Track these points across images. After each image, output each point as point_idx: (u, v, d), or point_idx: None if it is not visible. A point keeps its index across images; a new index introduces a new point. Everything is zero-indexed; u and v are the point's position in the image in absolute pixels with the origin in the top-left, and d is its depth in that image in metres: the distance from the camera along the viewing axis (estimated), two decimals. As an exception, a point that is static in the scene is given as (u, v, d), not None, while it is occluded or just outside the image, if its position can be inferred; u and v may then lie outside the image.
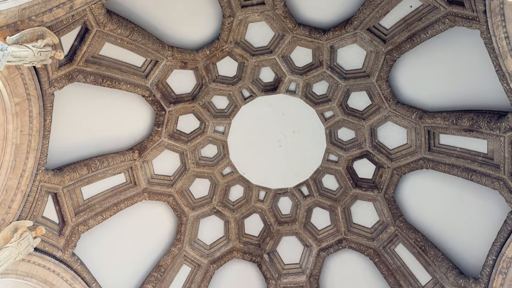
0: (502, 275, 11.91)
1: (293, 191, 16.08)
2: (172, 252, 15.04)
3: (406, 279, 13.89)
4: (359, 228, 15.26)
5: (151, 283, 14.35)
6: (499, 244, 12.04)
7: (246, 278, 15.85)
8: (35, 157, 11.91)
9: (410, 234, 13.99)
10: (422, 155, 13.62)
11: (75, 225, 13.17)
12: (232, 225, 16.03)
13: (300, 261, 15.77)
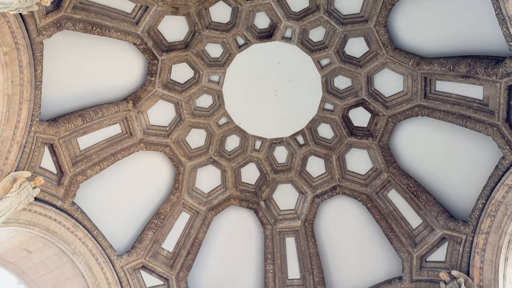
0: (490, 218, 12.34)
1: (289, 141, 16.19)
2: (171, 200, 15.39)
3: (397, 222, 14.38)
4: (353, 175, 15.55)
5: (152, 229, 14.81)
6: (489, 189, 12.38)
7: (243, 223, 16.36)
8: (28, 108, 11.84)
9: (403, 180, 14.31)
10: (418, 102, 13.60)
11: (73, 175, 13.35)
12: (229, 174, 16.28)
13: (295, 207, 16.21)
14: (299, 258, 15.58)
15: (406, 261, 13.86)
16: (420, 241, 13.82)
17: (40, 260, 13.27)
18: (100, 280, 13.53)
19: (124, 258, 14.19)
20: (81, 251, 13.37)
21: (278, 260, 15.60)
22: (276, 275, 15.38)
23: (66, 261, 13.29)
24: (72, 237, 13.25)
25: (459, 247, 12.88)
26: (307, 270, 15.33)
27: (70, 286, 13.48)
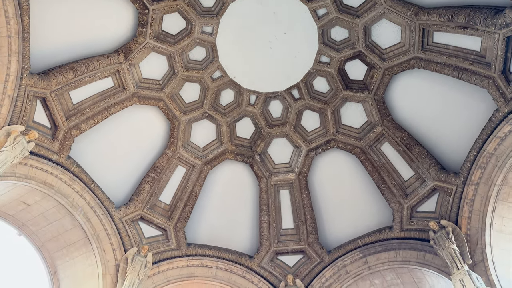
0: (481, 169, 12.59)
1: (284, 95, 16.07)
2: (167, 154, 15.49)
3: (389, 175, 14.65)
4: (347, 129, 15.61)
5: (148, 182, 15.02)
6: (481, 141, 12.54)
7: (239, 177, 16.60)
8: (17, 61, 11.59)
9: (397, 133, 14.41)
10: (415, 54, 13.41)
11: (68, 129, 13.30)
12: (224, 128, 16.28)
13: (290, 160, 16.40)
14: (293, 209, 15.98)
15: (397, 212, 14.26)
16: (411, 193, 14.16)
17: (39, 212, 13.52)
18: (99, 231, 13.86)
19: (122, 210, 14.49)
20: (79, 204, 13.61)
21: (272, 211, 16.00)
22: (271, 225, 15.83)
23: (64, 213, 13.54)
24: (70, 190, 13.42)
25: (449, 198, 13.23)
26: (300, 221, 15.77)
27: (70, 237, 13.83)
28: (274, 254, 15.70)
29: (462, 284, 11.56)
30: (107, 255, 13.69)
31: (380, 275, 14.22)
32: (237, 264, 15.59)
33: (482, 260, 12.07)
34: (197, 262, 15.34)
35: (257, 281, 15.35)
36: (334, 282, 14.64)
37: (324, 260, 15.18)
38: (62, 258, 13.95)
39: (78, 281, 13.72)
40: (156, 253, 14.66)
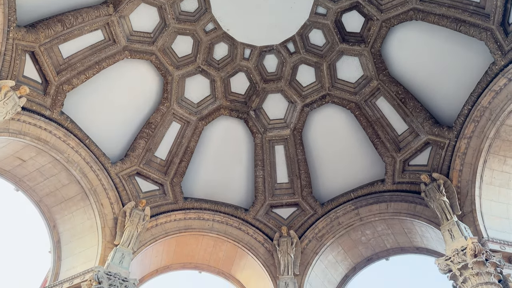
0: (474, 123, 12.67)
1: (279, 48, 15.75)
2: (161, 110, 15.39)
3: (383, 129, 14.73)
4: (343, 83, 15.48)
5: (143, 138, 15.04)
6: (476, 94, 12.54)
7: (234, 133, 16.63)
8: (3, 13, 11.18)
9: (392, 87, 14.33)
10: (413, 5, 13.04)
11: (59, 84, 13.10)
12: (218, 84, 16.09)
13: (285, 116, 16.38)
14: (288, 164, 16.18)
15: (389, 165, 14.49)
16: (405, 146, 14.32)
17: (35, 168, 13.60)
18: (96, 186, 14.04)
19: (118, 166, 14.60)
20: (75, 160, 13.68)
21: (267, 166, 16.19)
22: (266, 180, 16.08)
23: (61, 169, 13.64)
24: (65, 146, 13.44)
25: (442, 151, 13.41)
26: (295, 175, 16.02)
27: (67, 192, 14.02)
28: (269, 207, 16.07)
29: (450, 234, 11.97)
30: (105, 209, 13.95)
31: (371, 226, 14.68)
32: (233, 217, 15.99)
33: (471, 211, 12.43)
34: (194, 215, 15.70)
35: (253, 233, 15.82)
36: (327, 233, 15.12)
37: (317, 212, 15.59)
38: (60, 212, 14.21)
39: (78, 234, 14.06)
40: (153, 207, 14.96)
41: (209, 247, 16.06)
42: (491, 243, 11.60)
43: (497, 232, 12.16)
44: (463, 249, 11.27)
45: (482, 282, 10.62)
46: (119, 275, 12.34)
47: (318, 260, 14.99)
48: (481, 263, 10.86)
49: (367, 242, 15.13)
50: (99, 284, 11.92)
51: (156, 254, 15.28)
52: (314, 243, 15.23)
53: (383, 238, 14.87)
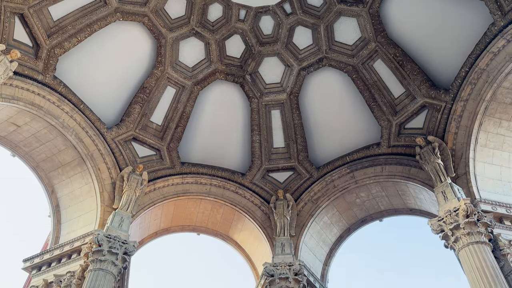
0: (471, 85, 12.61)
1: (275, 9, 15.36)
2: (155, 74, 15.18)
3: (380, 92, 14.65)
4: (340, 46, 15.23)
5: (138, 103, 14.92)
6: (474, 56, 12.41)
7: (230, 97, 16.50)
8: (-12, -27, 10.78)
9: (390, 49, 14.12)
10: (413, -37, 12.66)
11: (50, 47, 12.82)
12: (213, 47, 15.79)
13: (281, 80, 16.22)
14: (284, 129, 16.19)
15: (385, 129, 14.52)
16: (401, 110, 14.30)
17: (30, 133, 13.54)
18: (93, 151, 14.05)
19: (114, 131, 14.55)
20: (70, 125, 13.60)
21: (264, 131, 16.20)
22: (262, 145, 16.14)
23: (56, 134, 13.59)
24: (59, 111, 13.33)
25: (438, 114, 13.42)
26: (291, 139, 16.07)
27: (64, 158, 14.04)
28: (265, 171, 16.22)
29: (443, 195, 12.19)
30: (103, 174, 14.03)
31: (366, 189, 14.91)
32: (230, 181, 16.16)
33: (464, 173, 12.60)
34: (192, 179, 15.84)
35: (250, 196, 16.04)
36: (322, 196, 15.35)
37: (313, 176, 15.76)
38: (58, 177, 14.29)
39: (76, 198, 14.21)
40: (151, 172, 15.05)
41: (206, 211, 16.32)
42: (483, 204, 11.84)
43: (490, 193, 12.39)
44: (455, 210, 11.50)
45: (473, 241, 10.90)
46: (119, 237, 12.57)
47: (314, 222, 15.31)
48: (472, 223, 11.13)
49: (361, 204, 15.41)
50: (99, 247, 12.15)
51: (155, 217, 15.54)
52: (309, 206, 15.50)
53: (377, 200, 15.14)
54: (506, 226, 11.70)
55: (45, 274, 13.04)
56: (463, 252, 10.94)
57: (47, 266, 13.25)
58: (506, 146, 12.83)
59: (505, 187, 12.61)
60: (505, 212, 11.82)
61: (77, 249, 12.92)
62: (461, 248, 11.01)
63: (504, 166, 12.83)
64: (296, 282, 13.47)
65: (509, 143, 12.81)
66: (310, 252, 15.39)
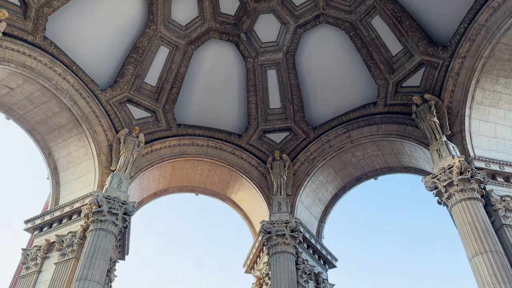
0: (469, 42, 12.42)
1: (270, -37, 14.80)
2: (147, 33, 14.81)
3: (378, 50, 14.41)
4: (338, 1, 14.77)
5: (131, 64, 14.67)
6: (474, 11, 12.14)
7: (225, 57, 16.21)
8: None
9: (388, 5, 13.74)
10: None
11: (39, 6, 12.41)
12: (206, 3, 15.30)
13: (277, 39, 15.89)
14: (280, 89, 16.06)
15: (382, 87, 14.42)
16: (398, 68, 14.13)
17: (24, 96, 13.39)
18: (88, 113, 13.96)
19: (108, 93, 14.40)
20: (63, 87, 13.43)
21: (260, 91, 16.07)
22: (259, 105, 16.07)
23: (50, 96, 13.44)
24: (51, 72, 13.11)
25: (435, 72, 13.30)
26: (287, 100, 15.98)
27: (59, 120, 13.97)
28: (261, 132, 16.25)
29: (438, 153, 12.31)
30: (99, 136, 14.03)
31: (362, 148, 15.01)
32: (227, 142, 16.22)
33: (459, 131, 12.67)
34: (188, 141, 15.89)
35: (246, 157, 16.16)
36: (318, 156, 15.48)
37: (309, 136, 15.82)
38: (54, 140, 14.28)
39: (74, 161, 14.27)
40: (147, 134, 15.05)
41: (204, 171, 16.49)
42: (477, 161, 11.98)
43: (484, 150, 12.51)
44: (449, 167, 11.65)
45: (466, 198, 11.12)
46: (118, 198, 12.74)
47: (310, 181, 15.53)
48: (466, 180, 11.31)
49: (357, 163, 15.58)
50: (99, 208, 12.34)
51: (153, 178, 15.71)
52: (306, 165, 15.66)
53: (373, 159, 15.29)
54: (498, 182, 11.91)
55: (47, 234, 13.32)
56: (455, 208, 11.18)
57: (48, 227, 13.52)
58: (502, 104, 12.83)
59: (500, 144, 12.72)
60: (498, 169, 12.00)
61: (77, 210, 13.14)
62: (454, 204, 11.25)
63: (499, 124, 12.88)
64: (292, 239, 13.87)
65: (505, 100, 12.80)
66: (306, 210, 15.73)
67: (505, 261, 9.90)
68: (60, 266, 12.09)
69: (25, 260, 12.91)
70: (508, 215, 11.09)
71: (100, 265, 11.47)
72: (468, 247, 10.42)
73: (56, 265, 12.16)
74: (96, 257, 11.50)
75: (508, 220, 11.00)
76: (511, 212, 11.14)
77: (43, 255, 12.73)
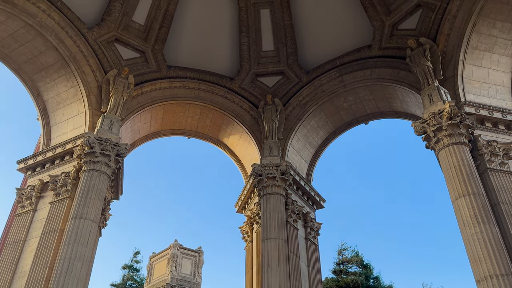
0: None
1: None
2: (135, -32, 14.05)
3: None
4: None
5: (118, 1, 13.96)
6: (477, -50, 11.62)
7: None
8: None
9: None
10: None
11: None
12: None
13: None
14: (274, 31, 15.59)
15: (377, 30, 14.08)
16: (395, 9, 13.70)
17: (8, 33, 12.91)
18: (75, 53, 13.57)
19: (95, 31, 13.90)
20: (48, 24, 12.92)
21: (252, 33, 15.61)
22: (251, 47, 15.69)
23: (35, 34, 12.96)
24: (35, 8, 12.55)
25: (432, 14, 12.97)
26: (280, 42, 15.59)
27: (46, 60, 13.58)
28: (254, 76, 16.03)
29: (430, 98, 12.34)
30: (88, 77, 13.75)
31: (354, 93, 14.98)
32: (219, 86, 16.04)
33: (452, 76, 12.62)
34: (179, 84, 15.67)
35: (238, 101, 16.08)
36: (311, 100, 15.45)
37: (302, 80, 15.67)
38: (42, 80, 13.98)
39: (63, 102, 14.09)
40: (137, 75, 14.77)
41: (196, 115, 16.45)
42: (467, 107, 12.08)
43: (475, 96, 12.57)
44: (440, 112, 11.74)
45: (453, 142, 11.32)
46: (110, 140, 12.76)
47: (301, 126, 15.63)
48: (455, 125, 11.46)
49: (348, 108, 15.61)
50: (91, 149, 12.38)
51: (145, 121, 15.66)
52: (297, 110, 15.67)
53: (364, 103, 15.31)
54: (486, 127, 12.10)
55: (40, 175, 13.46)
56: (442, 152, 11.41)
57: (41, 167, 13.62)
58: (497, 48, 12.69)
59: (491, 89, 12.76)
60: (487, 114, 12.13)
61: (69, 151, 13.18)
62: (441, 149, 11.46)
63: (492, 69, 12.83)
64: (282, 181, 14.20)
65: (500, 45, 12.64)
66: (297, 154, 15.97)
67: (486, 203, 10.30)
68: (55, 205, 12.34)
69: (20, 199, 13.13)
70: (493, 159, 11.39)
71: (95, 204, 11.73)
72: (452, 190, 10.77)
73: (51, 204, 12.41)
74: (90, 197, 11.73)
75: (493, 164, 11.31)
76: (496, 157, 11.44)
77: (38, 194, 12.94)
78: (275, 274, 12.28)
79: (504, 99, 12.79)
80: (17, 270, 11.49)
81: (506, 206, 10.50)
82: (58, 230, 11.56)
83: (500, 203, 10.54)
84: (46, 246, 11.41)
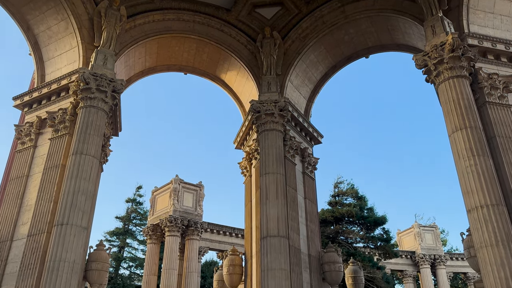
0: None
1: None
2: None
3: None
4: None
5: None
6: None
7: None
8: None
9: None
10: None
11: None
12: None
13: None
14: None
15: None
16: None
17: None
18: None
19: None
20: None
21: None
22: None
23: (18, -38, 12.18)
24: None
25: None
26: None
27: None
28: (251, 7, 15.33)
29: (433, 29, 11.93)
30: (78, 9, 13.15)
31: (356, 24, 14.43)
32: (215, 18, 15.42)
33: (457, 6, 12.11)
34: (173, 16, 15.04)
35: (235, 34, 15.56)
36: (310, 33, 14.94)
37: (302, 11, 15.02)
38: (31, 12, 13.36)
39: (55, 36, 13.61)
40: (129, 7, 14.11)
41: (192, 50, 16.00)
42: (471, 38, 11.73)
43: (479, 27, 12.16)
44: (442, 44, 11.42)
45: (454, 75, 11.14)
46: (105, 76, 12.51)
47: (300, 60, 15.27)
48: (456, 57, 11.20)
49: (349, 41, 15.14)
50: (86, 85, 12.18)
51: (139, 56, 15.27)
52: (297, 44, 15.21)
53: (366, 36, 14.83)
54: (488, 60, 11.85)
55: (37, 111, 13.38)
56: (442, 86, 11.27)
57: (37, 103, 13.51)
58: (507, -24, 12.06)
59: (496, 20, 12.32)
60: (490, 46, 11.83)
61: (65, 87, 13.00)
62: (441, 82, 11.31)
63: (499, -2, 12.27)
64: (280, 117, 14.18)
65: (511, -28, 12.00)
66: (295, 89, 15.78)
67: (482, 136, 10.38)
68: (54, 141, 12.41)
69: (19, 135, 13.18)
70: (493, 92, 11.30)
71: (94, 140, 11.80)
72: (450, 123, 10.79)
73: (51, 141, 12.48)
74: (89, 133, 11.76)
75: (492, 97, 11.24)
76: (495, 90, 11.34)
77: (36, 131, 12.97)
78: (273, 206, 12.72)
79: (509, 30, 12.42)
80: (23, 204, 11.87)
81: (502, 139, 10.61)
82: (60, 166, 11.76)
83: (496, 136, 10.63)
84: (49, 181, 11.68)
